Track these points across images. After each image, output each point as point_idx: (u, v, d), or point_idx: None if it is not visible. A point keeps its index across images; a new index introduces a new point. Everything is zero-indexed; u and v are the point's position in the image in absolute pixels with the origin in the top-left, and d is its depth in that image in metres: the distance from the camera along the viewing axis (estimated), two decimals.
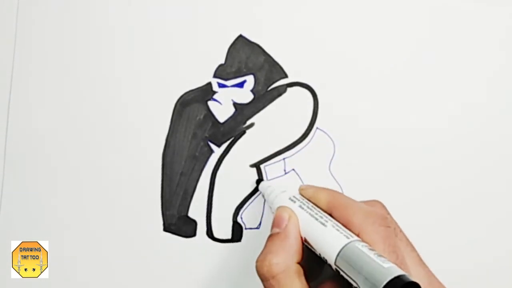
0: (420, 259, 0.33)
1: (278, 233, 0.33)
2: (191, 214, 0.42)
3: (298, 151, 0.42)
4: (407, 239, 0.34)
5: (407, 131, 0.43)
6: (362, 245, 0.30)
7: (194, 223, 0.42)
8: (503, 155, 0.43)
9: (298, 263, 0.32)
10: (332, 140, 0.42)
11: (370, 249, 0.30)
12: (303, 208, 0.34)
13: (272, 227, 0.34)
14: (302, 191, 0.36)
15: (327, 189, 0.36)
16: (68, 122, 0.42)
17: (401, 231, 0.34)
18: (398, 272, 0.27)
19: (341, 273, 0.30)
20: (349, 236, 0.31)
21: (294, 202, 0.35)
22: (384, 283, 0.27)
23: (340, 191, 0.42)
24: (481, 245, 0.43)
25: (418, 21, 0.43)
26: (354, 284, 0.29)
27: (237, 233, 0.42)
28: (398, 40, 0.43)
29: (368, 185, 0.42)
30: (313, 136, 0.42)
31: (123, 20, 0.42)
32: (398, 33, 0.43)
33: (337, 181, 0.42)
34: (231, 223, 0.42)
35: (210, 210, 0.42)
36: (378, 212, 0.34)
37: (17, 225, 0.41)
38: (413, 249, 0.34)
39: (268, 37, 0.42)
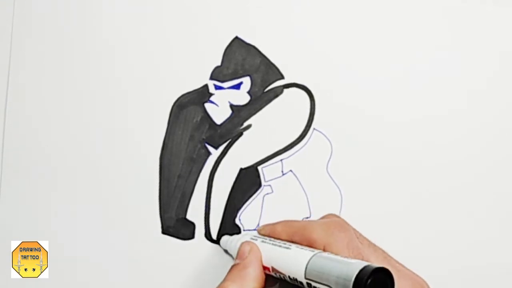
0: (385, 256, 0.34)
1: (238, 263, 0.35)
2: (189, 216, 0.42)
3: (296, 152, 0.42)
4: (368, 240, 0.35)
5: (405, 131, 0.42)
6: (327, 254, 0.31)
7: (192, 225, 0.42)
8: (503, 155, 0.43)
9: None
10: (329, 140, 0.42)
11: (335, 255, 0.31)
12: (265, 242, 0.36)
13: (235, 259, 0.36)
14: (260, 232, 0.38)
15: (283, 221, 0.37)
16: (66, 123, 0.42)
17: (360, 234, 0.35)
18: (364, 263, 0.28)
19: (313, 284, 0.31)
20: (313, 250, 0.32)
21: (256, 240, 0.37)
22: (355, 275, 0.28)
23: (338, 191, 0.42)
24: (481, 245, 0.42)
25: (416, 21, 0.43)
26: None
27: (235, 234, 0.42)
28: (395, 40, 0.43)
29: (366, 185, 0.42)
30: (310, 137, 0.42)
31: (120, 23, 0.42)
32: (395, 33, 0.43)
33: (334, 182, 0.42)
34: (229, 225, 0.42)
35: (208, 212, 0.42)
36: (336, 220, 0.35)
37: (17, 225, 0.41)
38: (375, 248, 0.35)
39: (264, 38, 0.42)
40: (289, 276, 0.33)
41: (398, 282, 0.31)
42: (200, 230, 0.42)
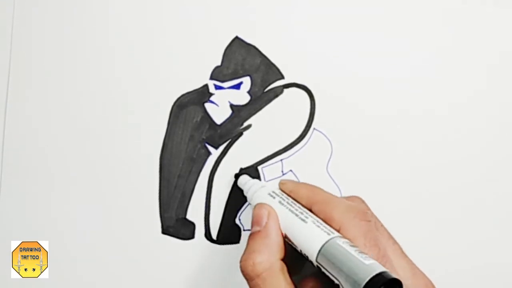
0: (402, 252, 0.33)
1: (259, 231, 0.33)
2: (189, 216, 0.42)
3: (296, 152, 0.42)
4: (389, 233, 0.34)
5: (405, 131, 0.42)
6: (343, 242, 0.30)
7: (192, 225, 0.42)
8: (503, 155, 0.43)
9: (281, 259, 0.32)
10: (329, 140, 0.42)
11: (351, 246, 0.30)
12: (282, 204, 0.34)
13: (252, 225, 0.34)
14: (282, 186, 0.37)
15: (307, 184, 0.36)
16: (66, 123, 0.42)
17: (382, 225, 0.34)
18: (380, 268, 0.27)
19: (323, 269, 0.30)
20: (330, 232, 0.31)
21: (274, 197, 0.35)
22: (366, 280, 0.27)
23: (338, 191, 0.42)
24: (481, 245, 0.43)
25: (416, 22, 0.43)
26: (336, 282, 0.29)
27: (235, 235, 0.42)
28: (395, 41, 0.43)
29: (366, 185, 0.42)
30: (310, 137, 0.42)
31: (120, 23, 0.42)
32: (396, 34, 0.43)
33: (335, 182, 0.42)
34: (229, 225, 0.42)
35: (208, 212, 0.42)
36: (358, 207, 0.34)
37: (17, 225, 0.41)
38: (394, 242, 0.34)
39: (264, 38, 0.42)
40: (301, 250, 0.32)
41: (413, 280, 0.30)
42: (200, 230, 0.42)
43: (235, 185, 0.41)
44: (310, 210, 0.34)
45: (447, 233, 0.42)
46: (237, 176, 0.41)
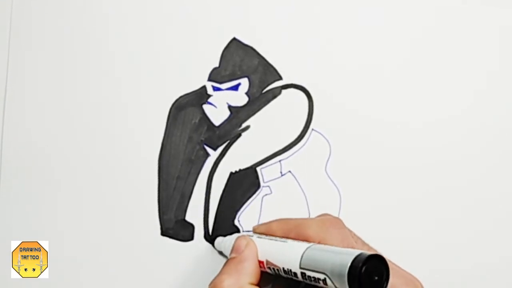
0: None
1: (234, 257, 0.35)
2: (188, 218, 0.42)
3: (294, 152, 0.42)
4: (362, 240, 0.35)
5: (403, 131, 0.42)
6: (323, 245, 0.31)
7: (191, 226, 0.42)
8: (502, 156, 0.43)
9: (254, 284, 0.33)
10: (327, 141, 0.42)
11: (331, 246, 0.31)
12: (261, 238, 0.36)
13: (230, 254, 0.36)
14: (256, 230, 0.38)
15: (278, 219, 0.37)
16: (66, 125, 0.42)
17: (355, 234, 0.35)
18: (359, 251, 0.29)
19: (307, 273, 0.30)
20: (309, 243, 0.32)
21: (252, 236, 0.36)
22: (351, 260, 0.28)
23: (337, 191, 0.42)
24: (480, 245, 0.42)
25: (416, 22, 0.43)
26: (322, 277, 0.29)
27: None
28: (394, 41, 0.43)
29: (365, 185, 0.42)
30: (308, 137, 0.42)
31: (118, 25, 0.42)
32: (395, 34, 0.43)
33: (333, 182, 0.42)
34: (228, 226, 0.42)
35: (207, 214, 0.42)
36: (331, 217, 0.36)
37: (17, 225, 0.41)
38: (370, 247, 0.35)
39: (262, 39, 0.42)
40: (283, 269, 0.33)
41: (392, 280, 0.31)
42: (199, 231, 0.42)
43: (234, 185, 0.41)
44: (288, 238, 0.35)
45: (446, 233, 0.42)
46: (212, 241, 0.41)
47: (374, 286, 0.28)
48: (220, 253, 0.41)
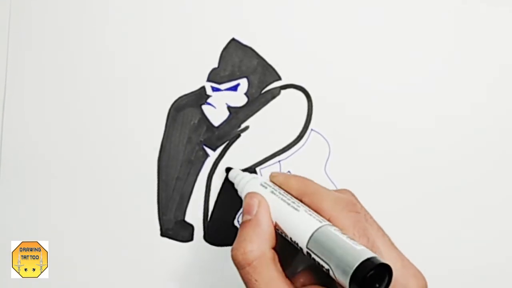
0: (392, 243, 0.33)
1: (249, 220, 0.33)
2: (188, 218, 0.42)
3: (293, 153, 0.42)
4: (378, 225, 0.34)
5: (403, 131, 0.42)
6: (334, 229, 0.30)
7: (191, 227, 0.42)
8: (502, 157, 0.43)
9: (273, 248, 0.33)
10: (327, 141, 0.42)
11: (342, 233, 0.30)
12: (274, 194, 0.34)
13: (243, 214, 0.34)
14: (272, 179, 0.37)
15: (298, 176, 0.36)
16: (65, 125, 0.42)
17: (371, 217, 0.34)
18: (370, 254, 0.28)
19: (313, 255, 0.30)
20: (321, 220, 0.31)
21: (265, 188, 0.35)
22: (356, 264, 0.27)
23: None
24: (480, 246, 0.42)
25: (415, 22, 0.43)
26: (326, 266, 0.29)
27: (234, 237, 0.41)
28: (393, 41, 0.43)
29: (364, 185, 0.42)
30: (308, 137, 0.42)
31: (117, 26, 0.42)
32: (394, 34, 0.43)
33: (333, 182, 0.42)
34: (228, 226, 0.42)
35: (207, 214, 0.42)
36: (348, 198, 0.34)
37: (17, 225, 0.42)
38: (384, 233, 0.34)
39: (261, 40, 0.42)
40: (291, 238, 0.32)
41: (403, 271, 0.30)
42: (199, 232, 0.42)
43: (233, 186, 0.41)
44: (301, 201, 0.34)
45: (445, 234, 0.42)
46: (228, 170, 0.41)
47: None
48: (229, 182, 0.40)
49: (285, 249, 0.33)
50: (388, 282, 0.28)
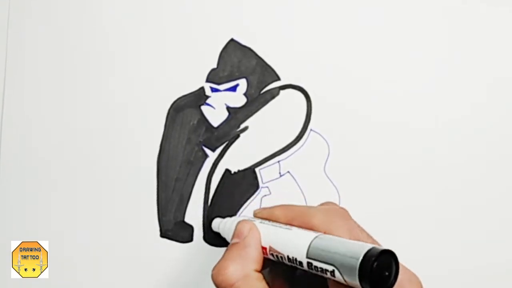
0: None
1: (236, 243, 0.33)
2: (188, 219, 0.42)
3: (293, 153, 0.42)
4: (367, 233, 0.34)
5: (402, 131, 0.42)
6: (331, 236, 0.31)
7: (190, 228, 0.42)
8: (502, 156, 0.43)
9: (258, 271, 0.32)
10: (326, 141, 0.42)
11: (340, 237, 0.30)
12: (263, 223, 0.34)
13: (232, 238, 0.34)
14: (257, 214, 0.36)
15: (281, 205, 0.36)
16: (65, 126, 0.42)
17: (359, 226, 0.34)
18: (371, 245, 0.28)
19: (314, 264, 0.30)
20: (316, 232, 0.31)
21: (254, 221, 0.35)
22: (362, 255, 0.27)
23: (336, 192, 0.42)
24: (479, 245, 0.42)
25: (415, 22, 0.43)
26: (330, 269, 0.29)
27: None
28: (393, 41, 0.43)
29: (364, 185, 0.42)
30: (307, 138, 0.42)
31: (115, 27, 0.42)
32: (393, 34, 0.43)
33: (332, 183, 0.42)
34: None
35: (206, 215, 0.42)
36: (337, 208, 0.34)
37: (17, 225, 0.42)
38: (374, 240, 0.34)
39: (260, 40, 0.42)
40: (288, 256, 0.32)
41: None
42: (198, 233, 0.42)
43: (232, 186, 0.41)
44: (291, 225, 0.34)
45: (444, 234, 0.42)
46: (209, 223, 0.41)
47: (383, 282, 0.28)
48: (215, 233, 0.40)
49: (277, 274, 0.34)
50: (396, 269, 0.28)
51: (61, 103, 0.42)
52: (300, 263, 0.31)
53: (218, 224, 0.39)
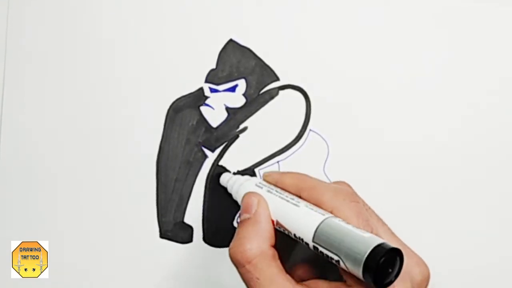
0: (392, 232, 0.34)
1: (248, 218, 0.33)
2: (187, 220, 0.42)
3: (292, 153, 0.42)
4: (377, 215, 0.34)
5: (402, 131, 0.42)
6: (338, 220, 0.30)
7: (190, 229, 0.42)
8: (504, 156, 0.43)
9: (273, 246, 0.32)
10: (325, 141, 0.42)
11: (347, 223, 0.30)
12: (271, 193, 0.34)
13: (241, 213, 0.34)
14: (266, 178, 0.36)
15: (292, 172, 0.36)
16: (64, 126, 0.42)
17: (369, 207, 0.35)
18: (379, 240, 0.28)
19: (320, 249, 0.30)
20: (323, 213, 0.31)
21: (261, 188, 0.35)
22: (368, 251, 0.27)
23: None
24: (480, 246, 0.42)
25: (414, 22, 0.42)
26: (335, 258, 0.29)
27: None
28: (392, 41, 0.42)
29: (363, 185, 0.41)
30: (306, 138, 0.42)
31: (114, 27, 0.42)
32: (393, 34, 0.42)
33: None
34: (227, 227, 0.42)
35: (206, 216, 0.42)
36: (347, 189, 0.34)
37: (17, 225, 0.42)
38: (383, 223, 0.34)
39: (259, 40, 0.42)
40: (294, 234, 0.32)
41: (406, 260, 0.30)
42: (198, 233, 0.42)
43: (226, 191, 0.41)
44: (299, 197, 0.34)
45: (444, 233, 0.42)
46: (218, 174, 0.40)
47: (386, 277, 0.28)
48: (222, 187, 0.40)
49: (283, 244, 0.33)
50: (400, 266, 0.28)
51: (61, 103, 0.42)
52: (307, 244, 0.31)
53: (227, 181, 0.39)
